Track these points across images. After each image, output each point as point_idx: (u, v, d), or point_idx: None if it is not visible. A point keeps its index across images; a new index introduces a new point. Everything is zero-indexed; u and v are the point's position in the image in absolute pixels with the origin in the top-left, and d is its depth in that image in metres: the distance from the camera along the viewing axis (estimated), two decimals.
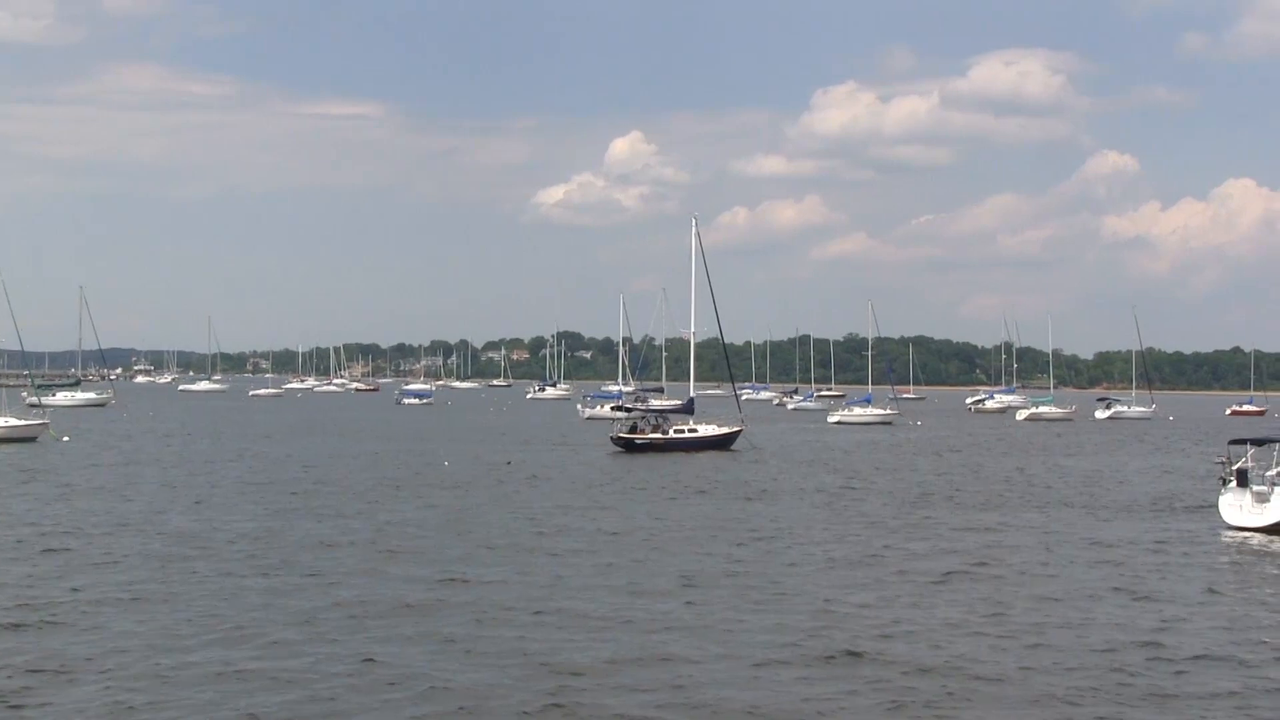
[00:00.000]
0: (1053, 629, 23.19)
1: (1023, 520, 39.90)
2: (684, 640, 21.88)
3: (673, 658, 20.64)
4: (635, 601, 25.31)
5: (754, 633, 22.51)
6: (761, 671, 19.92)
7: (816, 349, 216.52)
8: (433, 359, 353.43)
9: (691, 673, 19.76)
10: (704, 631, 22.63)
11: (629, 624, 23.10)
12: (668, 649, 21.20)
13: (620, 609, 24.45)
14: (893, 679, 19.55)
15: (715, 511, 41.27)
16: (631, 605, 24.88)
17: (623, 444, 70.30)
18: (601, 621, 23.28)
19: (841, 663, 20.57)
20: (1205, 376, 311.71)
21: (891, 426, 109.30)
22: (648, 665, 20.25)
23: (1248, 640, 22.71)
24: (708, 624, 23.19)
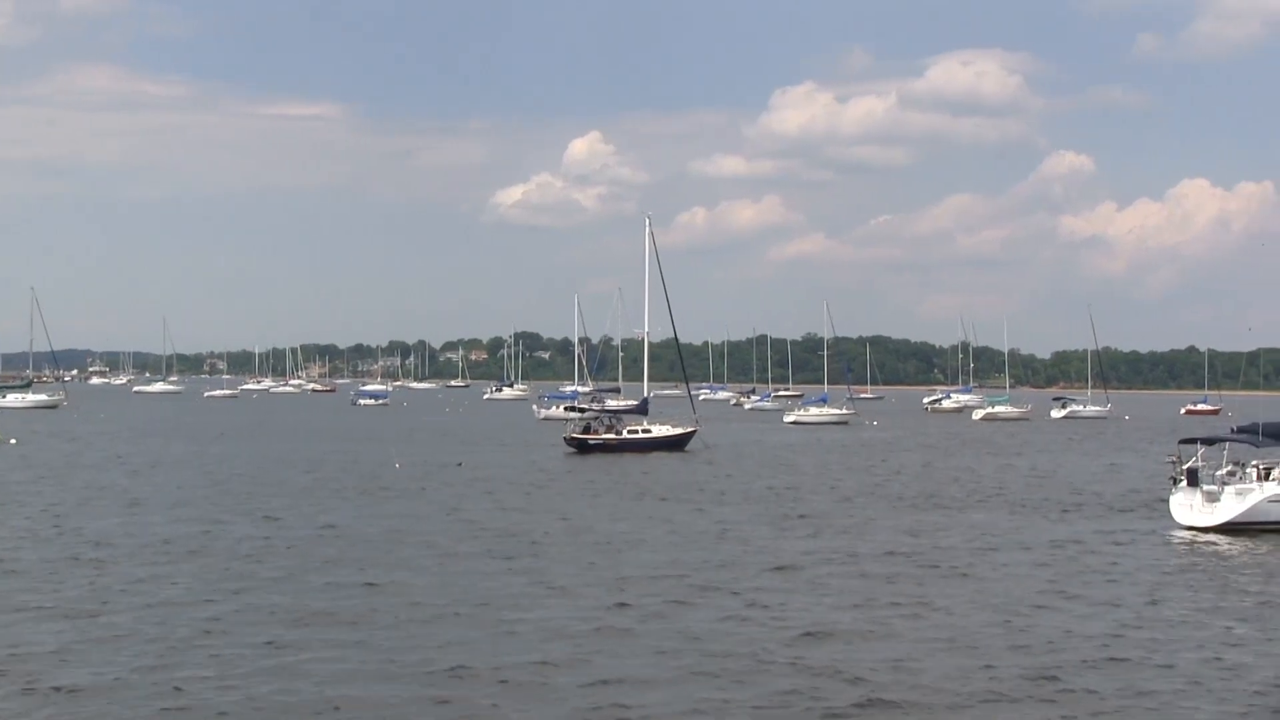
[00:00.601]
0: (984, 630, 22.84)
1: (969, 521, 39.58)
2: (611, 645, 21.46)
3: (596, 665, 20.18)
4: (559, 604, 24.91)
5: (682, 636, 22.05)
6: (688, 677, 19.47)
7: (775, 349, 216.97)
8: (391, 360, 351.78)
9: (620, 677, 19.34)
10: (628, 635, 22.22)
11: (544, 628, 22.60)
12: (593, 654, 20.74)
13: (542, 612, 24.01)
14: (812, 683, 19.19)
15: (659, 513, 40.81)
16: (555, 608, 24.45)
17: (576, 444, 69.91)
18: (517, 625, 22.82)
19: (761, 669, 20.15)
20: (1161, 376, 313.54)
21: (847, 426, 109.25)
22: (569, 669, 19.84)
23: (1183, 641, 22.45)
24: (632, 627, 22.79)
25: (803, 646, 21.47)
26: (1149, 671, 20.19)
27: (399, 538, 33.89)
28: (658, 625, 23.01)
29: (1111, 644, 21.95)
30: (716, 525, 37.65)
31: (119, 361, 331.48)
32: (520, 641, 21.53)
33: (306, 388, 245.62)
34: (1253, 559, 32.13)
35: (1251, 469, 38.37)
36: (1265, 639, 22.56)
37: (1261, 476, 37.91)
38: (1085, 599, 26.16)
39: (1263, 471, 38.12)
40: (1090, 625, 23.51)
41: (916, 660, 20.54)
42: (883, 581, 27.84)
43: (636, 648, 21.29)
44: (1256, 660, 21.01)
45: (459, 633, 22.21)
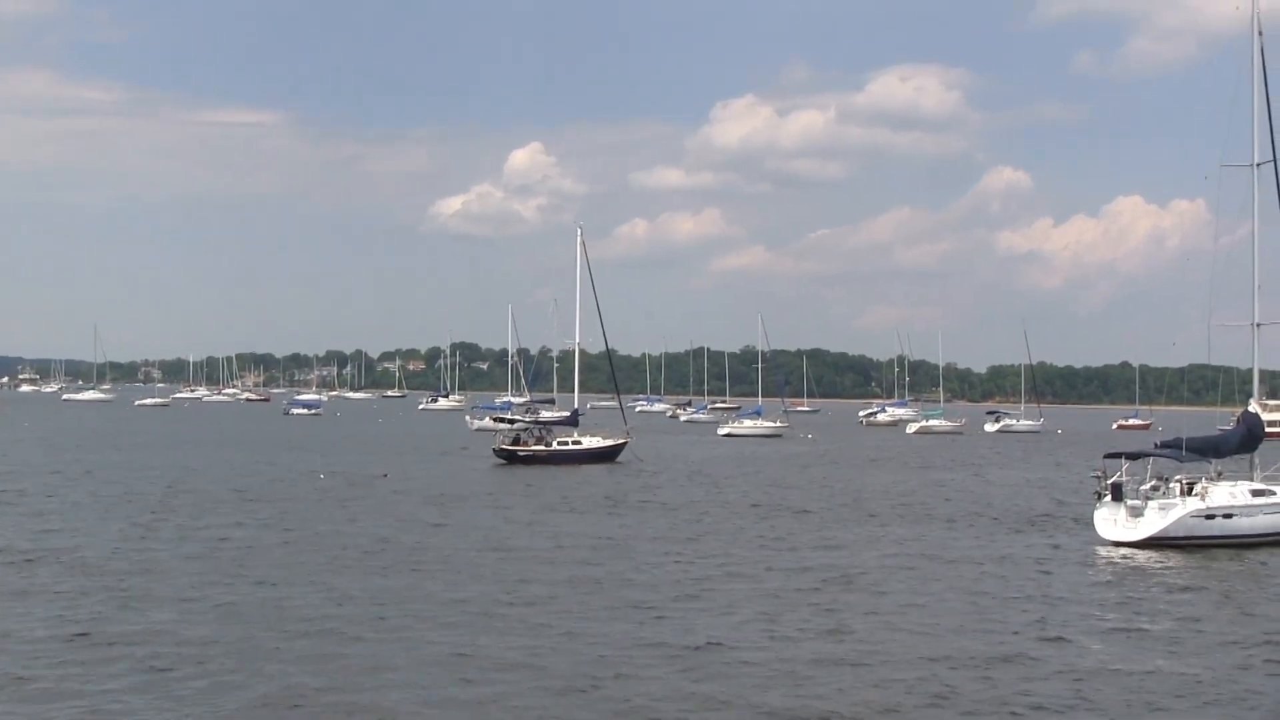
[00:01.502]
0: (890, 647, 22.44)
1: (891, 535, 39.22)
2: (505, 656, 21.02)
3: (477, 681, 19.67)
4: (448, 615, 24.37)
5: (576, 654, 21.53)
6: (570, 696, 18.98)
7: (713, 361, 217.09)
8: (327, 369, 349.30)
9: (499, 694, 18.89)
10: (526, 649, 21.71)
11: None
12: (474, 671, 20.22)
13: (429, 625, 23.47)
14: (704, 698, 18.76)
15: (574, 526, 40.19)
16: (444, 620, 23.91)
17: (505, 456, 69.32)
18: (391, 639, 22.26)
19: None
20: (1095, 390, 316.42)
21: (781, 439, 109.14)
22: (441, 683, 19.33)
23: (1088, 655, 22.21)
24: (529, 643, 22.25)
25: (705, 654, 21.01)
26: (1047, 685, 19.90)
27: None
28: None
29: (1012, 658, 21.67)
30: (618, 538, 37.03)
31: (50, 369, 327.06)
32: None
33: (241, 397, 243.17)
34: (1171, 574, 31.90)
35: (1175, 484, 38.36)
36: (1172, 653, 22.23)
37: (1184, 491, 37.93)
38: (997, 614, 25.77)
39: (1185, 486, 38.14)
40: (995, 640, 23.17)
41: (806, 679, 20.09)
42: (786, 598, 27.31)
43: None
44: (1163, 674, 20.72)
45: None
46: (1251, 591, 29.76)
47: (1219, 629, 24.81)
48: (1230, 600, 28.38)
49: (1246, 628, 25.10)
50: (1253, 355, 43.36)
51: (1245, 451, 41.30)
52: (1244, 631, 24.70)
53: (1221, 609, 27.19)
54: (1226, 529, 37.48)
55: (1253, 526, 38.02)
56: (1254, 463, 41.42)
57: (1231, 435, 41.30)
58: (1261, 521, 38.30)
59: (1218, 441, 40.87)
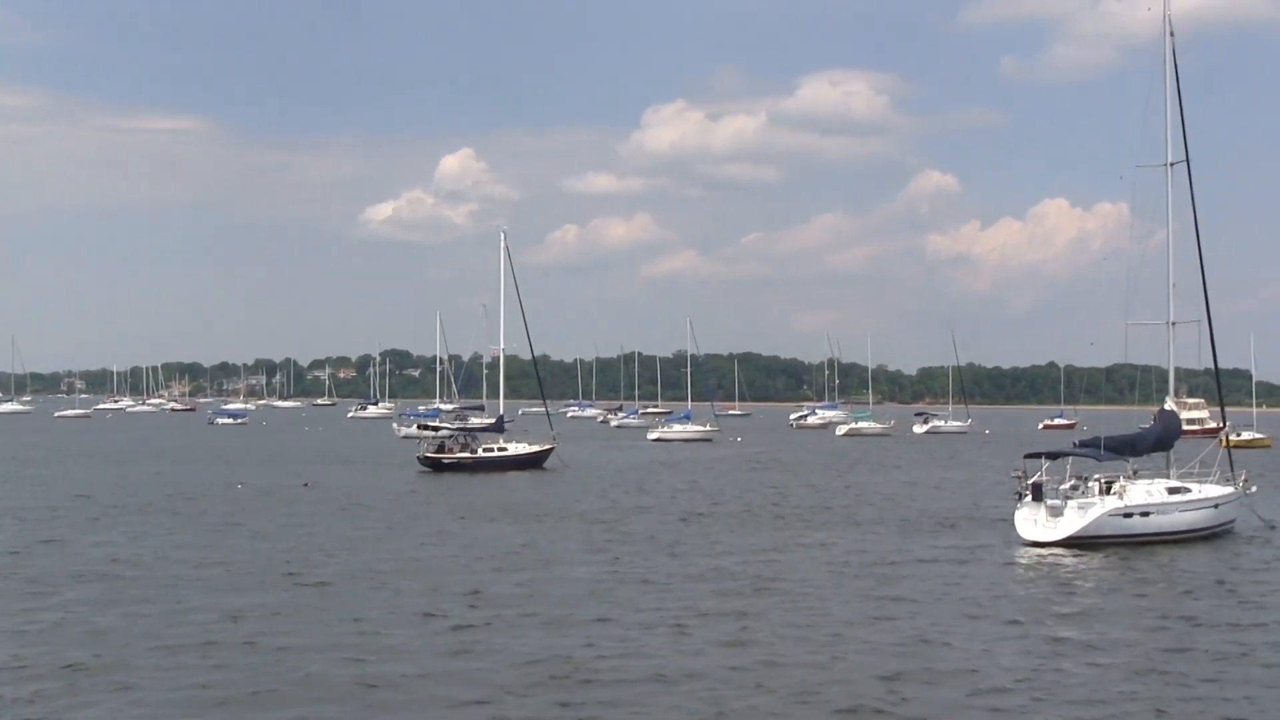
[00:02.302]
0: (793, 653, 22.22)
1: (810, 539, 38.99)
2: (398, 670, 20.56)
3: (377, 701, 19.18)
4: (338, 631, 23.81)
5: (474, 665, 21.21)
6: (466, 709, 18.66)
7: (645, 366, 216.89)
8: (256, 378, 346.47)
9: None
10: (420, 659, 21.37)
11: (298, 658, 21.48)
12: (370, 689, 19.72)
13: (320, 643, 22.83)
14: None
15: (492, 533, 39.66)
16: (334, 637, 23.31)
17: (430, 464, 68.73)
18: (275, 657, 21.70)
19: (559, 688, 19.50)
20: (1023, 391, 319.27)
21: (710, 443, 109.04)
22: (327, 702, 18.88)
23: (997, 655, 22.10)
24: (428, 654, 21.93)
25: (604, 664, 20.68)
26: (954, 688, 19.81)
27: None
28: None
29: (921, 662, 21.51)
30: (525, 545, 36.54)
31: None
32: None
33: (166, 407, 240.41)
34: (1084, 574, 31.90)
35: (1094, 483, 38.51)
36: (1087, 661, 21.97)
37: (1103, 490, 38.09)
38: (905, 617, 25.59)
39: (1104, 485, 38.31)
40: (896, 643, 23.07)
41: (697, 688, 19.79)
42: (692, 603, 26.95)
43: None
44: (1071, 679, 20.59)
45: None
46: (1160, 590, 29.72)
47: (1123, 630, 24.66)
48: (1138, 599, 28.33)
49: (1149, 627, 25.09)
50: (1168, 354, 43.69)
51: (1162, 449, 41.61)
52: (1146, 631, 24.69)
53: (1128, 608, 27.10)
54: (1144, 527, 37.66)
55: (1169, 524, 38.24)
56: (1170, 460, 41.74)
57: (1148, 434, 41.55)
58: (1178, 519, 38.56)
59: (1135, 440, 41.11)
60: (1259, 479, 52.30)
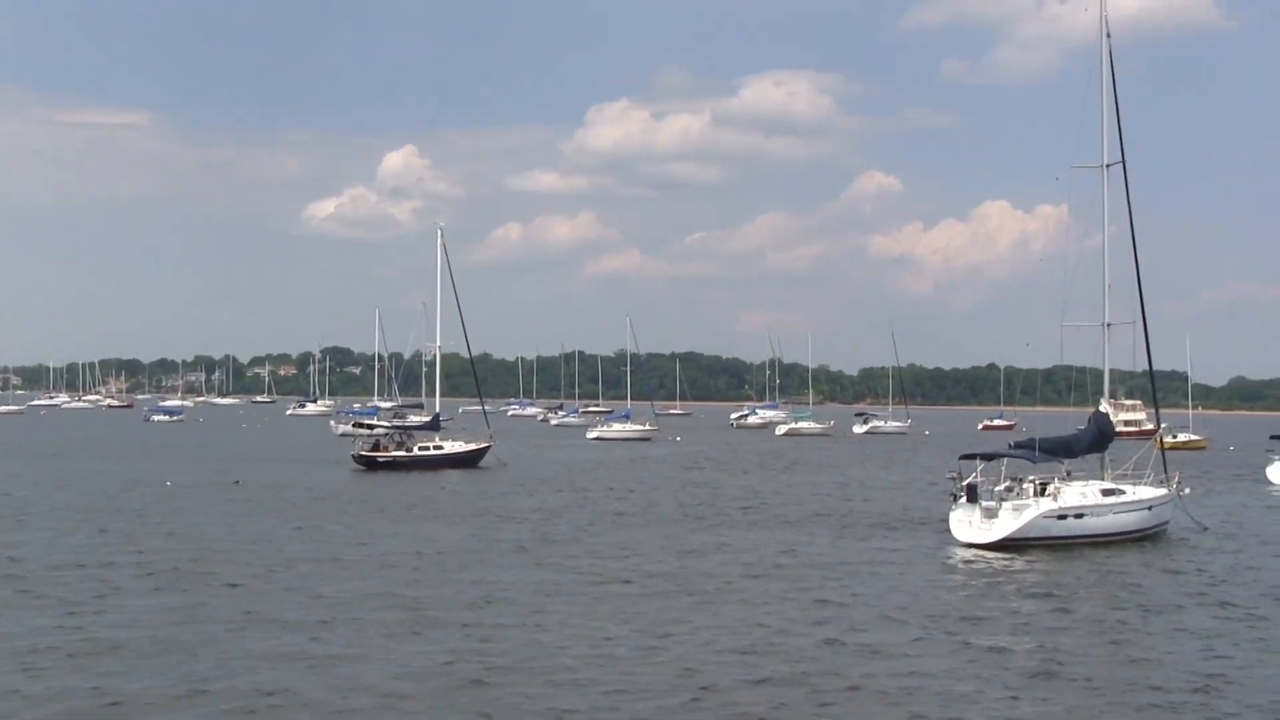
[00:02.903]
0: (711, 655, 21.88)
1: (743, 540, 38.62)
2: (301, 676, 20.07)
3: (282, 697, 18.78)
4: (250, 633, 23.28)
5: (383, 664, 20.81)
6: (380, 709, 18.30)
7: (587, 364, 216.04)
8: (195, 375, 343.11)
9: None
10: (327, 664, 20.86)
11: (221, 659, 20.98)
12: (280, 687, 19.30)
13: (235, 642, 22.44)
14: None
15: (413, 532, 39.15)
16: (246, 636, 22.92)
17: (364, 462, 68.11)
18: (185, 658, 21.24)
19: (465, 692, 19.13)
20: (963, 392, 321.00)
21: (650, 442, 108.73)
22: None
23: (921, 659, 21.82)
24: (331, 656, 21.46)
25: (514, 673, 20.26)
26: (855, 697, 19.54)
27: (164, 560, 31.69)
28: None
29: (848, 667, 21.24)
30: (457, 546, 35.98)
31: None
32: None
33: (103, 404, 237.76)
34: (1016, 576, 31.67)
35: (1029, 484, 38.41)
36: (1001, 666, 21.64)
37: (1038, 492, 38.00)
38: (832, 619, 25.33)
39: (1039, 487, 38.22)
40: (820, 645, 22.85)
41: (609, 692, 19.41)
42: (615, 607, 26.49)
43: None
44: (984, 684, 20.32)
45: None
46: (1083, 594, 29.42)
47: (1046, 634, 24.40)
48: (1067, 601, 28.12)
49: (1073, 628, 24.94)
50: (1103, 356, 43.61)
51: (1096, 451, 41.61)
52: (1069, 632, 24.54)
53: (1057, 610, 26.89)
54: (1078, 529, 37.61)
55: (1103, 526, 38.21)
56: (1104, 462, 41.73)
57: (1083, 435, 41.49)
58: (1112, 520, 38.52)
59: (1070, 442, 41.06)
60: (1194, 480, 52.60)
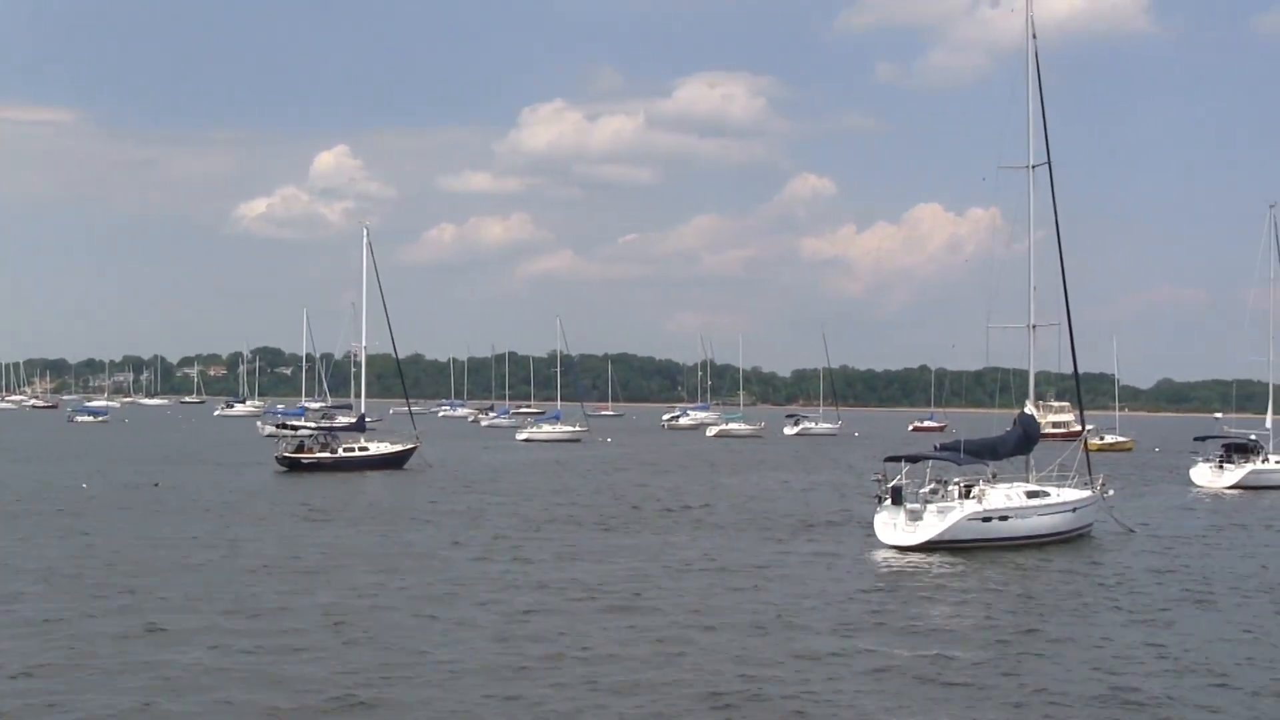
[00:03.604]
0: (612, 665, 21.39)
1: (664, 542, 38.15)
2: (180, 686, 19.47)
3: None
4: (131, 644, 22.51)
5: (261, 679, 20.13)
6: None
7: (519, 365, 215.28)
8: (123, 375, 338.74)
9: None
10: (212, 674, 20.24)
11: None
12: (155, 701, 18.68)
13: (110, 651, 21.77)
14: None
15: (323, 537, 38.33)
16: (127, 647, 22.18)
17: (288, 463, 67.14)
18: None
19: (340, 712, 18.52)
20: (896, 393, 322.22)
21: (580, 444, 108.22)
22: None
23: (824, 666, 21.46)
24: (218, 666, 20.85)
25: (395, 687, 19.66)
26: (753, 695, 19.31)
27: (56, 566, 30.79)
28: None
29: (754, 671, 20.93)
30: (364, 550, 35.23)
31: None
32: None
33: (26, 404, 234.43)
34: (937, 579, 31.40)
35: (953, 486, 38.24)
36: (914, 675, 21.25)
37: (963, 494, 37.84)
38: (748, 624, 24.92)
39: (963, 489, 38.05)
40: (729, 650, 22.51)
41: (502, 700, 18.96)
42: (517, 611, 25.94)
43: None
44: (878, 689, 20.03)
45: None
46: (1003, 596, 29.21)
47: (948, 639, 24.10)
48: (980, 606, 27.85)
49: (978, 634, 24.64)
50: (1028, 357, 43.60)
51: (1021, 453, 41.54)
52: (971, 637, 24.27)
53: (966, 615, 26.64)
54: (1003, 531, 37.49)
55: (1028, 528, 38.12)
56: (1029, 464, 41.65)
57: (1007, 437, 41.38)
58: (1036, 523, 38.46)
59: (995, 444, 40.95)
60: (1119, 482, 52.76)
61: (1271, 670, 21.77)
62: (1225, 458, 66.15)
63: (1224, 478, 64.57)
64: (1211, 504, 56.26)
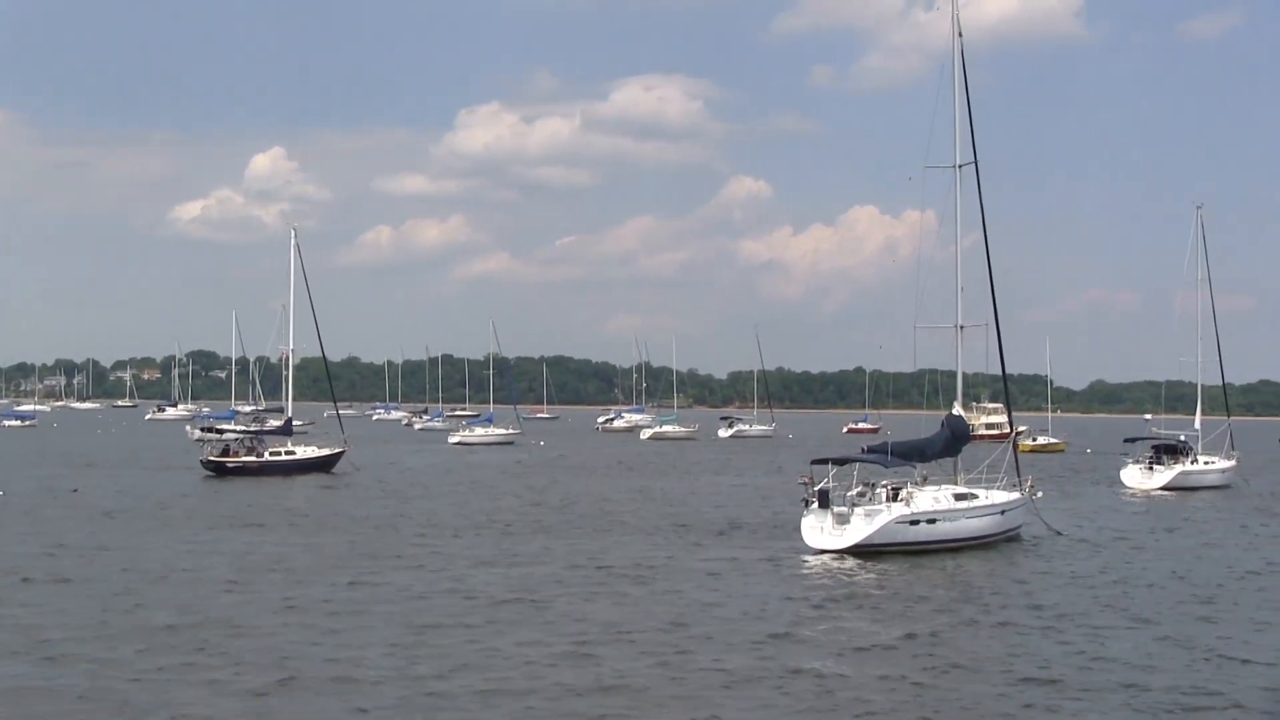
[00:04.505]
0: (519, 673, 20.85)
1: (587, 547, 37.47)
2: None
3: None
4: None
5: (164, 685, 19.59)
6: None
7: (456, 368, 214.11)
8: (55, 379, 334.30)
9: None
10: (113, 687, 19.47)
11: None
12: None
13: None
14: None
15: (234, 543, 37.47)
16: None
17: (213, 467, 66.08)
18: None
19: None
20: (831, 395, 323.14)
21: (513, 446, 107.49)
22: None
23: (738, 677, 20.91)
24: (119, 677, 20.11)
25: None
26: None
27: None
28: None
29: (657, 677, 20.51)
30: (274, 557, 34.39)
31: None
32: None
33: None
34: (861, 584, 30.98)
35: (881, 489, 37.86)
36: (813, 686, 20.71)
37: (890, 497, 37.47)
38: (658, 631, 24.41)
39: (891, 492, 37.70)
40: (638, 656, 22.07)
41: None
42: (419, 620, 25.20)
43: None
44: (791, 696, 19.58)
45: None
46: (923, 602, 28.76)
47: (880, 646, 23.70)
48: (897, 612, 27.38)
49: (905, 640, 24.18)
50: (956, 357, 43.40)
51: (950, 455, 41.28)
52: (899, 642, 23.91)
53: (893, 619, 26.22)
54: (930, 534, 37.16)
55: (955, 531, 37.83)
56: (957, 466, 41.41)
57: (935, 439, 41.09)
58: (964, 526, 38.18)
59: (922, 446, 40.66)
60: (1052, 483, 52.72)
61: (1178, 675, 21.40)
62: (1155, 459, 66.44)
63: (1153, 479, 64.81)
64: (1140, 506, 56.34)
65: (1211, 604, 29.12)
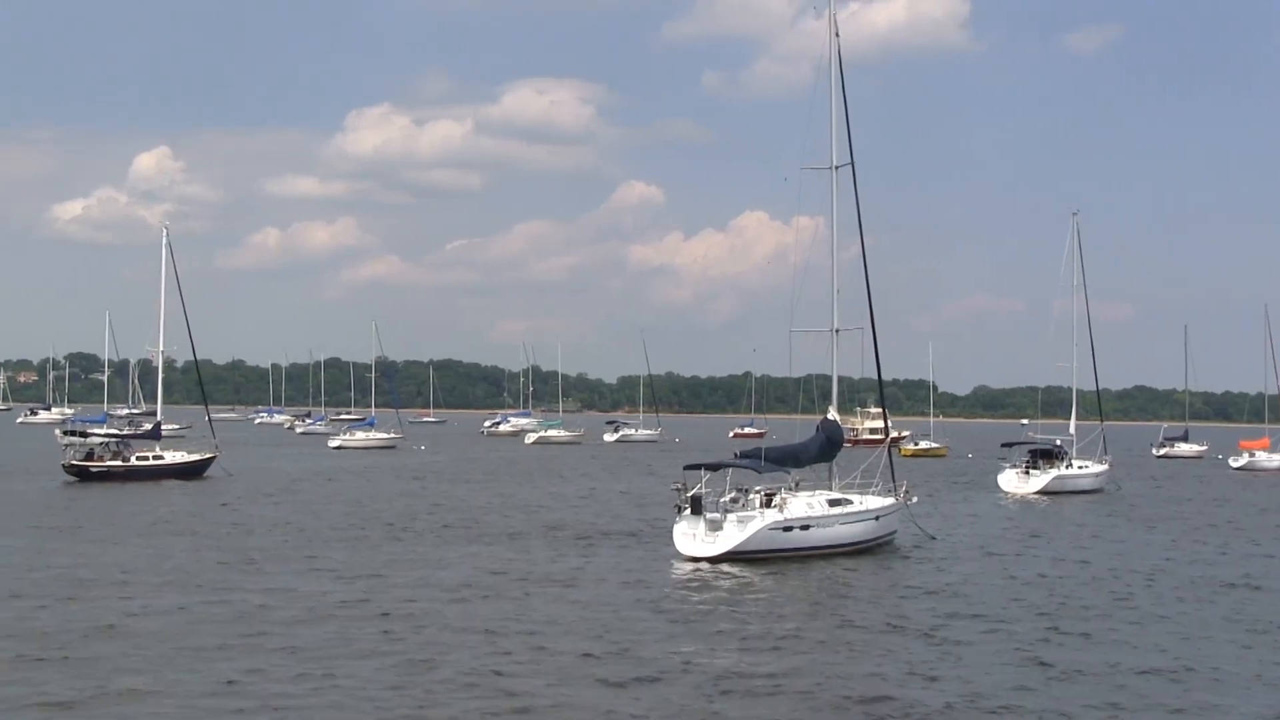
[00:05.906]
0: (362, 676, 20.27)
1: (446, 555, 36.45)
2: None
3: None
4: None
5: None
6: None
7: (343, 372, 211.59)
8: None
9: None
10: None
11: None
12: None
13: None
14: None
15: (75, 551, 36.06)
16: None
17: (76, 472, 63.97)
18: None
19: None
20: (720, 400, 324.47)
21: (394, 450, 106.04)
22: None
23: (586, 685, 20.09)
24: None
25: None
26: None
27: None
28: None
29: (509, 687, 19.73)
30: (121, 565, 33.03)
31: None
32: None
33: None
34: (729, 593, 30.27)
35: (755, 495, 37.29)
36: (682, 694, 20.18)
37: (764, 503, 36.91)
38: (522, 640, 23.68)
39: (765, 498, 37.15)
40: (486, 666, 21.37)
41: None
42: (271, 635, 24.03)
43: None
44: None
45: None
46: (789, 610, 28.19)
47: (746, 657, 23.03)
48: (770, 618, 26.89)
49: (768, 651, 23.53)
50: (831, 361, 43.05)
51: (824, 460, 40.89)
52: (763, 652, 23.23)
53: (758, 628, 25.60)
54: (804, 540, 36.66)
55: (830, 537, 37.38)
56: (833, 471, 41.00)
57: (810, 444, 40.65)
58: (838, 531, 37.74)
59: (797, 451, 40.21)
60: (931, 488, 52.58)
61: (1035, 693, 20.77)
62: (1031, 463, 67.04)
63: (1029, 483, 65.31)
64: (1015, 510, 56.50)
65: (1062, 614, 28.44)
